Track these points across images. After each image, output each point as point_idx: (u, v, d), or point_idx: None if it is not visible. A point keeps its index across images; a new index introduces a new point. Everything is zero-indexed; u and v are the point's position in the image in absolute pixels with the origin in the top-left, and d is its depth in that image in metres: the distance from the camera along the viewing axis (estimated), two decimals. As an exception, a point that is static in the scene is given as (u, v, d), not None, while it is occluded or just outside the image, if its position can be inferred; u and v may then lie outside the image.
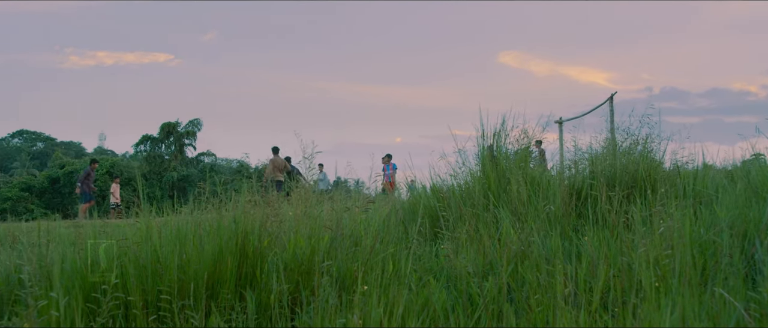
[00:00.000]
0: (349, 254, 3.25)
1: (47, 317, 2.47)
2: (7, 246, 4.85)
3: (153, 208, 3.50)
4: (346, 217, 3.73)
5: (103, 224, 3.99)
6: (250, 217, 3.20)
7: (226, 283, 2.90)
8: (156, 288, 2.82)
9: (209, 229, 3.18)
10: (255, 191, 3.70)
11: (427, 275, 3.40)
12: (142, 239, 3.10)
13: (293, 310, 2.96)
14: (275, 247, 3.23)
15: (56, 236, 3.96)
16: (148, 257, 2.93)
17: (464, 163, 5.36)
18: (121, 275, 2.83)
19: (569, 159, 5.34)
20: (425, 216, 4.52)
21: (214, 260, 2.92)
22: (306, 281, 3.03)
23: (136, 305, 2.73)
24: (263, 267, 3.04)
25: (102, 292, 2.67)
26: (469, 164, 5.29)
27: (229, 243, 2.99)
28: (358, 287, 2.83)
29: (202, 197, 3.97)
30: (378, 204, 4.77)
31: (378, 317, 2.44)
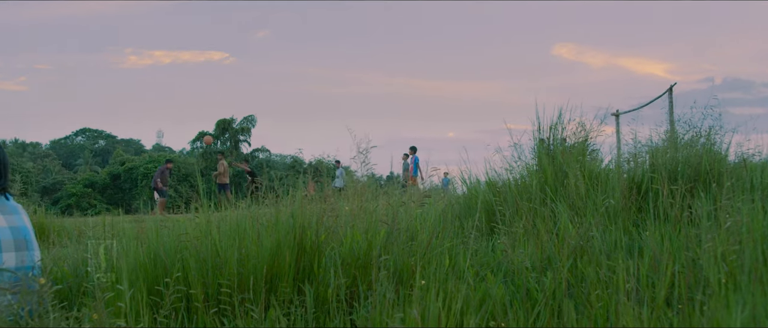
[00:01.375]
0: (405, 248, 3.25)
1: (114, 308, 2.54)
2: (74, 240, 5.02)
3: (211, 203, 3.56)
4: (402, 211, 3.73)
5: (164, 219, 4.08)
6: (307, 212, 3.22)
7: (284, 277, 2.93)
8: (216, 282, 2.87)
9: (267, 224, 3.21)
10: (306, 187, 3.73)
11: (484, 270, 3.38)
12: (201, 234, 3.16)
13: (350, 304, 2.97)
14: (332, 241, 3.25)
15: (120, 230, 4.07)
16: (208, 252, 2.98)
17: (520, 157, 5.31)
18: (183, 269, 2.88)
19: (628, 152, 5.23)
20: (481, 211, 4.49)
21: (272, 254, 2.96)
22: (363, 276, 3.04)
23: (197, 298, 2.78)
24: (321, 261, 3.06)
25: (165, 285, 2.72)
26: (524, 158, 5.23)
27: (287, 238, 3.02)
28: (415, 282, 2.82)
29: (259, 192, 4.03)
30: (434, 198, 4.76)
31: (436, 312, 2.42)
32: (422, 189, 4.08)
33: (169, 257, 2.97)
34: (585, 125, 5.33)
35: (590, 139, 5.32)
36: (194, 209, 3.65)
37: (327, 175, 4.23)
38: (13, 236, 2.90)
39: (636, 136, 5.20)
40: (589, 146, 5.32)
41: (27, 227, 3.04)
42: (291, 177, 4.20)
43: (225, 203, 3.94)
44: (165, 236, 3.21)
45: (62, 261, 3.79)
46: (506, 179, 5.11)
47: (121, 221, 4.48)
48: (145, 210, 19.83)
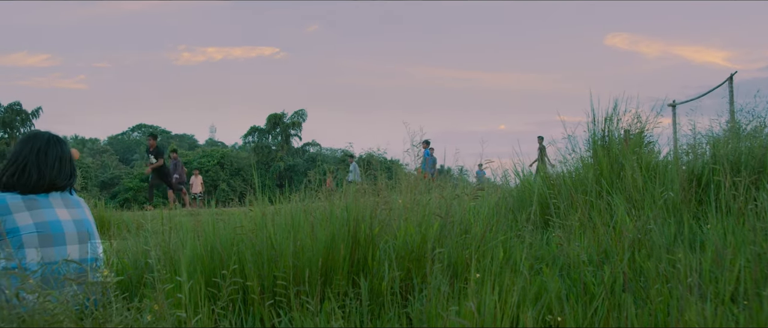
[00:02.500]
0: (459, 241, 3.23)
1: (173, 299, 2.59)
2: (133, 233, 5.14)
3: (265, 196, 3.60)
4: (455, 204, 3.71)
5: (220, 212, 4.15)
6: (360, 205, 3.23)
7: (339, 270, 2.95)
8: (272, 274, 2.90)
9: (321, 217, 3.23)
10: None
11: (539, 263, 3.34)
12: (256, 227, 3.19)
13: (405, 297, 2.97)
14: (385, 234, 3.25)
15: (176, 223, 4.15)
16: (263, 244, 3.01)
17: (574, 149, 5.24)
18: (239, 261, 2.92)
19: (686, 144, 5.10)
20: (535, 203, 4.44)
21: (327, 247, 2.97)
22: (417, 269, 3.03)
23: (253, 289, 2.81)
24: (374, 254, 3.07)
25: (221, 277, 2.76)
26: (579, 150, 5.16)
27: (342, 231, 3.03)
28: (469, 275, 2.81)
29: (312, 185, 4.06)
30: (487, 191, 4.72)
31: (492, 305, 2.40)
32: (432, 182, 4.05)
33: (226, 249, 3.02)
34: (641, 117, 5.22)
35: (647, 130, 5.21)
36: (248, 202, 3.70)
37: (378, 168, 4.22)
38: (76, 229, 2.98)
39: (695, 127, 5.07)
40: (645, 138, 5.21)
41: (89, 220, 3.12)
42: (341, 171, 4.21)
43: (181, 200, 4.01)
44: (221, 229, 3.26)
45: (122, 253, 3.89)
46: (560, 172, 5.05)
47: (177, 214, 4.57)
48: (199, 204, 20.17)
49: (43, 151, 3.04)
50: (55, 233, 2.88)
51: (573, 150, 5.18)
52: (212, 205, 4.00)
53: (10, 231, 2.80)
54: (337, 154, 54.51)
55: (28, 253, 2.77)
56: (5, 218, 2.82)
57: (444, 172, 8.87)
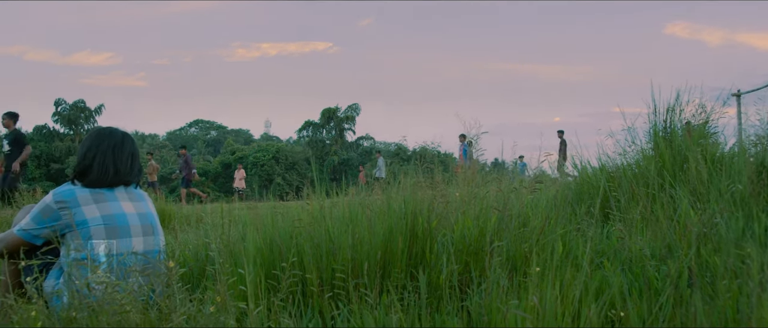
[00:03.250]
0: (517, 235, 3.19)
1: (234, 291, 2.63)
2: (193, 226, 5.26)
3: (322, 190, 3.63)
4: (512, 197, 3.67)
5: (278, 205, 4.20)
6: (418, 198, 3.22)
7: (397, 263, 2.95)
8: (330, 267, 2.92)
9: (378, 210, 3.24)
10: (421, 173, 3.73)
11: (599, 257, 3.27)
12: (314, 220, 3.22)
13: (463, 290, 2.96)
14: (443, 228, 3.23)
15: (235, 216, 4.22)
16: (321, 237, 3.03)
17: (634, 141, 5.12)
18: (298, 254, 2.95)
19: (754, 135, 4.92)
20: (594, 196, 4.36)
21: (385, 240, 2.98)
22: (475, 262, 3.01)
23: (312, 282, 2.84)
24: (432, 247, 3.06)
25: (281, 269, 2.79)
26: (639, 142, 5.03)
27: (400, 224, 3.03)
28: (529, 269, 2.77)
29: (359, 180, 4.06)
30: (546, 184, 4.66)
31: (553, 299, 2.37)
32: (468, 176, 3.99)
33: (285, 242, 3.05)
34: (705, 107, 5.07)
35: (711, 121, 5.05)
36: (306, 196, 3.73)
37: (433, 162, 4.21)
38: (140, 222, 3.06)
39: (763, 117, 4.90)
40: (709, 129, 5.06)
41: (152, 214, 3.20)
42: (395, 165, 4.21)
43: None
44: (279, 222, 3.30)
45: (183, 246, 3.98)
46: (620, 164, 4.94)
47: (236, 207, 4.64)
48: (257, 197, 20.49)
49: (119, 147, 3.14)
50: (120, 225, 2.96)
51: (633, 142, 5.06)
52: (261, 198, 4.05)
53: (79, 223, 2.89)
54: (390, 147, 54.58)
55: (96, 245, 2.86)
56: (74, 210, 2.92)
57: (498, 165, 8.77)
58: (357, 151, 51.94)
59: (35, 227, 2.97)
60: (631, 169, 4.72)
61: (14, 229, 3.04)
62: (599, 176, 4.75)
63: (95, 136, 3.15)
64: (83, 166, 3.06)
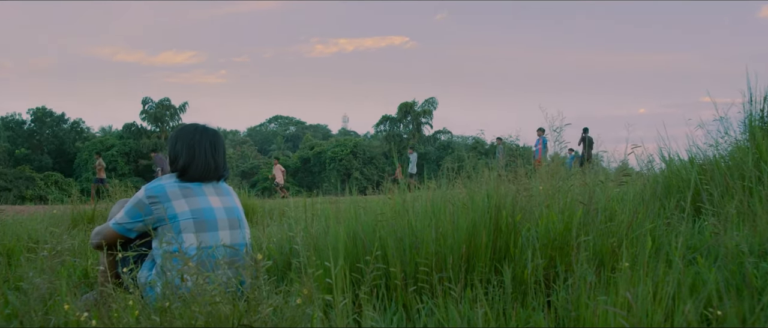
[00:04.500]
0: (603, 229, 3.11)
1: (319, 283, 2.66)
2: (276, 220, 5.36)
3: (404, 184, 3.63)
4: (597, 191, 3.57)
5: (360, 200, 4.23)
6: (501, 192, 3.18)
7: (481, 257, 2.92)
8: (414, 261, 2.91)
9: (460, 204, 3.21)
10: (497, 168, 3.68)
11: (691, 253, 3.15)
12: (396, 214, 3.22)
13: (548, 285, 2.90)
14: (527, 222, 3.18)
15: (317, 210, 4.28)
16: (404, 231, 3.03)
17: (727, 132, 4.88)
18: (381, 248, 2.95)
19: None
20: (684, 190, 4.19)
21: (468, 234, 2.95)
22: (561, 257, 2.95)
23: (396, 275, 2.84)
24: (516, 242, 3.01)
25: (365, 263, 2.81)
26: (733, 133, 4.80)
27: (483, 218, 3.00)
28: (617, 264, 2.69)
29: (449, 173, 4.04)
30: (633, 177, 4.52)
31: (645, 296, 2.29)
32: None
33: (368, 236, 3.06)
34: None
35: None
36: (386, 190, 3.74)
37: (517, 155, 4.15)
38: (227, 216, 3.13)
39: None
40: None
41: (238, 208, 3.27)
42: (472, 158, 4.17)
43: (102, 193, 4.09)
44: (362, 216, 3.32)
45: (267, 239, 4.06)
46: (712, 156, 4.73)
47: (318, 202, 4.70)
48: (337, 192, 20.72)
49: (213, 143, 3.23)
50: (208, 219, 3.04)
51: (726, 133, 4.83)
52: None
53: (170, 217, 2.99)
54: (468, 141, 54.23)
55: (187, 238, 2.95)
56: (165, 205, 3.01)
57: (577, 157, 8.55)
58: (434, 146, 51.84)
59: (129, 220, 3.09)
60: (724, 161, 4.52)
61: (110, 222, 3.17)
62: (689, 169, 4.56)
63: (193, 133, 3.24)
64: (185, 161, 3.16)
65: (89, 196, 11.96)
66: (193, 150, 3.18)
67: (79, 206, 7.75)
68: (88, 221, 7.22)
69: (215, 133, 3.30)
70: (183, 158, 3.16)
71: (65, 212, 7.44)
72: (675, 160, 4.99)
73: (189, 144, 3.19)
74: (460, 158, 14.99)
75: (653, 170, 5.22)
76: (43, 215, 7.50)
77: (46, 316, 2.56)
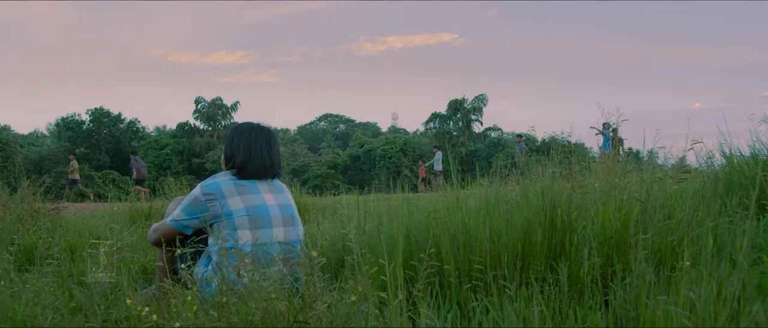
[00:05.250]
0: (662, 227, 3.03)
1: (373, 280, 2.66)
2: (328, 217, 5.39)
3: (456, 182, 3.61)
4: (655, 188, 3.49)
5: (412, 197, 4.21)
6: (556, 189, 3.13)
7: (536, 255, 2.88)
8: (467, 258, 2.89)
9: (514, 201, 3.18)
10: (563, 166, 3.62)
11: (756, 252, 3.06)
12: (449, 212, 3.20)
13: (605, 284, 2.85)
14: (582, 220, 3.13)
15: (369, 208, 4.28)
16: (457, 229, 3.01)
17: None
18: (435, 245, 2.94)
19: None
20: (748, 187, 4.07)
21: (523, 232, 2.92)
22: (618, 255, 2.89)
23: (450, 273, 2.82)
24: (572, 239, 2.96)
25: (418, 260, 2.80)
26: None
27: (538, 215, 2.96)
28: (677, 263, 2.63)
29: (501, 170, 4.00)
30: (693, 174, 4.41)
31: (709, 296, 2.22)
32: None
33: (421, 233, 3.05)
34: None
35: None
36: (437, 187, 3.72)
37: (565, 152, 4.08)
38: (281, 213, 3.17)
39: None
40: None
41: (292, 205, 3.30)
42: (523, 155, 4.11)
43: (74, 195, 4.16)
44: (414, 214, 3.31)
45: (320, 236, 4.09)
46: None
47: (370, 199, 4.71)
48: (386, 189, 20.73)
49: (268, 141, 3.28)
50: (262, 216, 3.08)
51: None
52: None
53: (225, 214, 3.04)
54: (519, 138, 53.64)
55: (242, 235, 2.99)
56: (221, 202, 3.06)
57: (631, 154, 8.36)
58: (484, 143, 51.46)
59: (185, 217, 3.14)
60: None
61: (167, 219, 3.23)
62: (752, 166, 4.42)
63: (249, 132, 3.28)
64: (242, 159, 3.21)
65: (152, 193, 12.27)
66: (249, 148, 3.22)
67: (136, 203, 7.94)
68: (145, 218, 7.39)
69: (270, 132, 3.34)
70: (240, 156, 3.21)
71: (124, 209, 7.63)
72: (736, 156, 4.83)
73: (245, 142, 3.23)
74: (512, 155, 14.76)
75: (713, 167, 5.08)
76: (102, 213, 7.71)
77: (108, 310, 2.63)
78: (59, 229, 5.55)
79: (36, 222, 5.57)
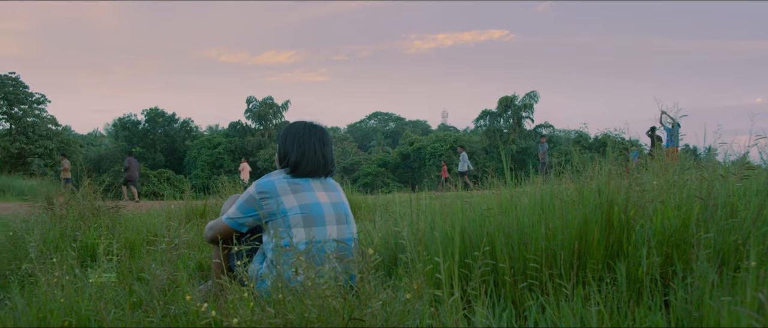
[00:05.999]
0: (725, 226, 2.94)
1: (427, 278, 2.65)
2: (380, 215, 5.40)
3: (510, 179, 3.57)
4: (717, 185, 3.39)
5: (464, 195, 4.19)
6: (613, 186, 3.07)
7: (593, 254, 2.83)
8: (522, 257, 2.86)
9: (569, 199, 3.13)
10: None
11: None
12: (503, 210, 3.17)
13: (665, 284, 2.78)
14: (640, 218, 3.06)
15: (422, 206, 4.27)
16: (512, 227, 2.98)
17: None
18: (490, 243, 2.92)
19: None
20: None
21: (579, 230, 2.87)
22: (678, 254, 2.82)
23: (504, 271, 2.80)
24: (630, 238, 2.90)
25: (473, 258, 2.78)
26: None
27: (595, 213, 2.91)
28: (741, 263, 2.55)
29: (555, 168, 3.95)
30: (757, 171, 4.26)
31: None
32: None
33: (475, 231, 3.03)
34: None
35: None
36: (491, 185, 3.69)
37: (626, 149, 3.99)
38: (334, 211, 3.18)
39: None
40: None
41: (345, 203, 3.32)
42: (575, 154, 4.05)
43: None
44: (468, 212, 3.29)
45: (376, 234, 4.09)
46: None
47: (423, 197, 4.70)
48: (431, 187, 20.69)
49: (322, 140, 3.30)
50: (316, 214, 3.10)
51: None
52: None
53: (280, 213, 3.07)
54: (570, 135, 52.91)
55: (296, 232, 3.02)
56: (275, 200, 3.09)
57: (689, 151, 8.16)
58: (535, 140, 50.90)
59: (241, 215, 3.19)
60: None
61: (222, 217, 3.28)
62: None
63: (303, 130, 3.32)
64: (296, 158, 3.24)
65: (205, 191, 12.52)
66: (303, 147, 3.24)
67: (191, 201, 8.09)
68: (200, 216, 7.53)
69: (323, 130, 3.36)
70: (293, 155, 3.24)
71: (179, 207, 7.79)
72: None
73: (299, 141, 3.26)
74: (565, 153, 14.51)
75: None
76: (158, 210, 7.88)
77: (167, 306, 2.68)
78: (118, 226, 5.69)
79: (96, 219, 5.73)
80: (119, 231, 5.42)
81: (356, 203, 8.15)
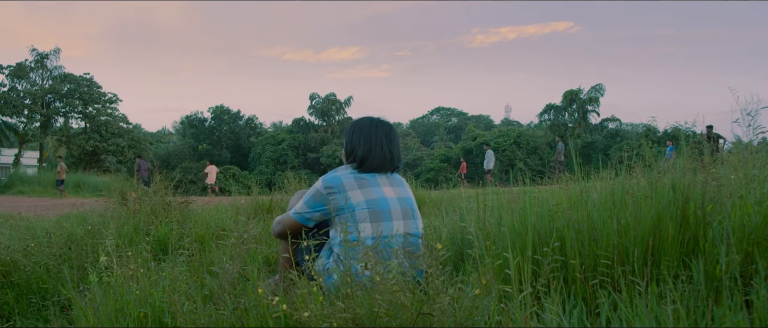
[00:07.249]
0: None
1: (494, 275, 2.62)
2: (446, 210, 5.37)
3: (581, 174, 3.50)
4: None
5: (531, 190, 4.13)
6: (687, 182, 2.98)
7: (667, 250, 2.75)
8: (593, 253, 2.80)
9: (642, 195, 3.05)
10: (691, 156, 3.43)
11: None
12: (572, 205, 3.11)
13: (746, 282, 2.68)
14: (717, 214, 2.95)
15: (488, 201, 4.24)
16: (582, 223, 2.92)
17: None
18: (559, 239, 2.87)
19: None
20: None
21: (652, 226, 2.79)
22: (760, 252, 2.71)
23: (575, 268, 2.75)
24: (707, 235, 2.81)
25: (542, 254, 2.74)
26: None
27: (669, 209, 2.82)
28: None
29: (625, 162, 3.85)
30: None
31: None
32: None
33: (544, 227, 2.99)
34: None
35: None
36: (557, 180, 3.62)
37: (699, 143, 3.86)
38: (400, 206, 3.18)
39: None
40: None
41: (411, 198, 3.31)
42: (644, 147, 3.93)
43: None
44: (536, 207, 3.24)
45: (438, 230, 4.07)
46: None
47: (489, 192, 4.66)
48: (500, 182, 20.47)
49: (388, 135, 3.31)
50: (382, 209, 3.11)
51: None
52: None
53: (346, 208, 3.08)
54: (638, 129, 51.58)
55: (363, 227, 3.03)
56: (342, 195, 3.11)
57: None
58: (602, 134, 49.84)
59: (308, 210, 3.22)
60: None
61: (290, 212, 3.32)
62: None
63: (369, 126, 3.33)
64: (363, 153, 3.25)
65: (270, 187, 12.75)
66: (370, 142, 3.26)
67: (258, 197, 8.23)
68: (266, 211, 7.65)
69: (390, 126, 3.36)
70: (360, 150, 3.25)
71: (246, 202, 7.93)
72: None
73: (366, 136, 3.27)
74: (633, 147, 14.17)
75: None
76: (226, 206, 8.04)
77: (237, 299, 2.73)
78: (188, 221, 5.84)
79: (167, 214, 5.89)
80: (189, 226, 5.55)
81: (421, 199, 8.14)
